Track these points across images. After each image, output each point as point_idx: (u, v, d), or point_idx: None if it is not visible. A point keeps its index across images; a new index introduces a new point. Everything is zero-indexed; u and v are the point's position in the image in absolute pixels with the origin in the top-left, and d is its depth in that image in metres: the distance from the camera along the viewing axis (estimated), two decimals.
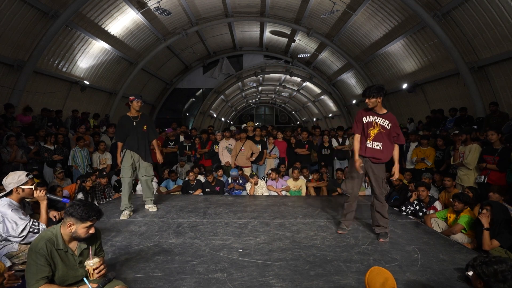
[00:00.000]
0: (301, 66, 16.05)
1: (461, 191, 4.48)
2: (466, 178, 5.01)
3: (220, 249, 3.01)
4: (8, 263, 2.44)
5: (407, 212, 4.62)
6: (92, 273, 1.93)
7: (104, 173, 5.37)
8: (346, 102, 15.53)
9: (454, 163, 5.41)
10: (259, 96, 26.05)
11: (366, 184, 5.59)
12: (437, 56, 8.34)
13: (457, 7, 6.75)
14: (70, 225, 1.92)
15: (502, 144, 4.75)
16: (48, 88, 8.43)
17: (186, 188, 5.88)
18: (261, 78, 18.89)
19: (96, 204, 3.97)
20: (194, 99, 17.58)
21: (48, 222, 2.77)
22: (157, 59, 12.82)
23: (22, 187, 2.58)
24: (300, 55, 14.06)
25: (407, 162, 6.47)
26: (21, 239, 2.46)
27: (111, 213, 4.19)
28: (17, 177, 2.58)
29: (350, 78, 13.77)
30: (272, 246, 3.11)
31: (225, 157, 6.68)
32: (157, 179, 6.48)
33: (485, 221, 3.25)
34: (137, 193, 5.53)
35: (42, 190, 2.69)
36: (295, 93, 22.54)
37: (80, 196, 4.80)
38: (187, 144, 7.25)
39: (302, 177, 6.13)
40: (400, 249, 3.06)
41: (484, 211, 3.33)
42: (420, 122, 9.08)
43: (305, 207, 4.70)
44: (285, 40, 13.99)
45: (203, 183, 5.94)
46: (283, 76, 18.77)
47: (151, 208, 4.40)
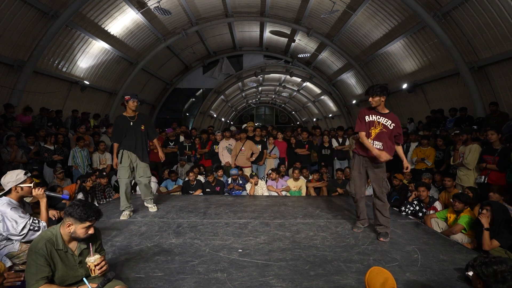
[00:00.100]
0: (301, 66, 16.04)
1: (461, 191, 4.48)
2: (466, 178, 5.01)
3: (220, 249, 3.00)
4: (9, 263, 2.44)
5: (407, 212, 4.62)
6: (94, 270, 1.91)
7: (104, 173, 5.37)
8: (346, 102, 15.53)
9: (454, 163, 5.41)
10: (259, 96, 26.05)
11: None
12: (437, 56, 8.34)
13: (457, 7, 6.75)
14: (69, 225, 1.91)
15: (502, 144, 4.75)
16: (48, 88, 8.44)
17: (186, 188, 5.88)
18: (261, 78, 18.88)
19: (96, 204, 3.97)
20: (194, 99, 17.58)
21: (48, 222, 2.77)
22: (157, 59, 12.83)
23: (21, 186, 2.57)
24: (300, 55, 14.07)
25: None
26: (22, 237, 2.46)
27: (111, 213, 4.18)
28: (16, 176, 2.57)
29: (350, 78, 13.78)
30: (272, 246, 3.11)
31: (225, 157, 6.69)
32: (157, 179, 6.49)
33: (485, 221, 3.25)
34: (138, 193, 5.53)
35: (41, 188, 2.69)
36: (295, 93, 22.53)
37: (80, 196, 4.80)
38: (187, 144, 7.26)
39: (302, 177, 6.13)
40: (400, 249, 3.06)
41: (484, 211, 3.33)
42: (420, 122, 9.08)
43: (305, 207, 4.69)
44: (285, 40, 13.99)
45: (203, 183, 5.95)
46: (283, 76, 18.76)
47: (151, 208, 4.35)
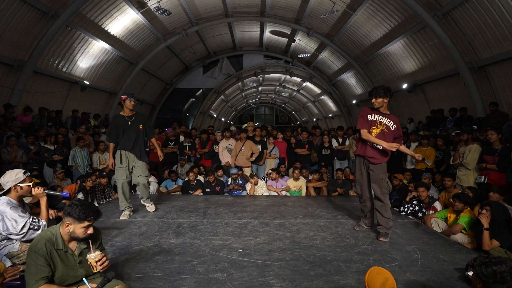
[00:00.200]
0: (301, 66, 16.04)
1: (461, 191, 4.48)
2: (466, 178, 5.01)
3: (220, 249, 3.01)
4: (9, 263, 2.44)
5: (406, 212, 4.62)
6: (95, 266, 1.91)
7: (104, 173, 5.37)
8: (346, 102, 15.53)
9: (454, 163, 5.41)
10: (259, 96, 26.04)
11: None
12: (437, 56, 8.34)
13: (457, 7, 6.75)
14: (68, 225, 1.91)
15: (502, 144, 4.75)
16: (48, 88, 8.43)
17: (186, 188, 5.88)
18: (261, 78, 18.88)
19: (95, 204, 3.96)
20: (194, 99, 17.58)
21: (48, 221, 2.76)
22: (157, 59, 12.82)
23: (20, 185, 2.57)
24: (300, 55, 14.06)
25: (407, 162, 6.47)
26: (22, 236, 2.45)
27: (111, 213, 4.18)
28: (15, 175, 2.57)
29: (350, 78, 13.77)
30: (272, 246, 3.11)
31: (225, 157, 6.69)
32: (157, 179, 6.49)
33: (485, 221, 3.25)
34: (138, 193, 5.52)
35: (41, 187, 2.68)
36: (295, 93, 22.53)
37: (80, 196, 4.80)
38: (187, 144, 7.25)
39: (302, 177, 6.13)
40: (400, 249, 3.06)
41: (484, 211, 3.33)
42: (420, 122, 9.09)
43: (305, 207, 4.69)
44: (285, 40, 13.99)
45: (203, 183, 5.95)
46: (283, 76, 18.76)
47: (150, 208, 4.32)
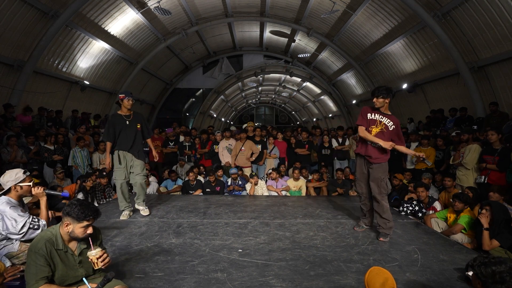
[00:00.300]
0: (301, 66, 16.03)
1: (461, 191, 4.48)
2: (465, 179, 5.00)
3: (220, 249, 3.01)
4: (8, 263, 2.44)
5: (406, 212, 4.62)
6: (96, 263, 1.91)
7: (104, 173, 5.36)
8: (346, 102, 15.52)
9: (453, 163, 5.41)
10: (259, 96, 26.03)
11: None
12: (437, 56, 8.34)
13: (457, 7, 6.75)
14: (67, 225, 1.91)
15: (502, 144, 4.75)
16: (48, 88, 8.43)
17: (186, 188, 5.88)
18: (261, 78, 18.87)
19: (94, 204, 3.95)
20: (194, 99, 17.58)
21: (48, 220, 2.76)
22: (157, 59, 12.81)
23: (20, 185, 2.57)
24: (300, 55, 14.05)
25: (407, 162, 6.47)
26: (22, 236, 2.45)
27: (111, 213, 4.18)
28: (15, 175, 2.57)
29: (350, 78, 13.77)
30: (272, 246, 3.11)
31: (225, 157, 6.69)
32: (157, 179, 6.49)
33: (485, 221, 3.25)
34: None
35: (41, 187, 2.68)
36: (295, 93, 22.52)
37: (80, 196, 4.79)
38: (187, 144, 7.25)
39: (302, 177, 6.13)
40: (400, 249, 3.06)
41: (484, 211, 3.33)
42: (420, 122, 9.09)
43: (305, 207, 4.70)
44: (285, 40, 13.98)
45: (203, 183, 5.95)
46: (283, 76, 18.75)
47: (143, 211, 4.13)
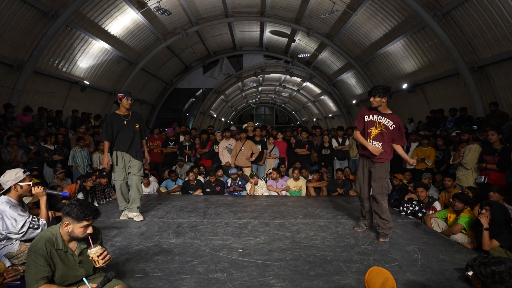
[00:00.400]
0: (301, 66, 16.03)
1: (461, 191, 4.48)
2: (465, 179, 5.00)
3: (220, 249, 3.00)
4: (8, 264, 2.44)
5: (406, 212, 4.62)
6: (97, 260, 1.90)
7: (104, 173, 5.36)
8: (346, 102, 15.52)
9: (453, 163, 5.41)
10: (259, 96, 26.03)
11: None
12: (437, 56, 8.34)
13: (457, 7, 6.75)
14: (67, 225, 1.91)
15: (502, 144, 4.75)
16: (48, 88, 8.43)
17: (186, 188, 5.88)
18: (261, 78, 18.87)
19: (94, 204, 3.95)
20: (194, 99, 17.58)
21: (48, 220, 2.75)
22: (157, 59, 12.81)
23: (20, 184, 2.56)
24: (300, 55, 14.06)
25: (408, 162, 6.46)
26: (22, 235, 2.45)
27: (111, 213, 4.18)
28: (15, 174, 2.56)
29: (350, 78, 13.77)
30: (272, 246, 3.11)
31: (225, 157, 6.69)
32: (157, 179, 6.49)
33: (485, 221, 3.25)
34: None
35: (41, 187, 2.68)
36: (295, 93, 22.52)
37: (80, 196, 4.79)
38: (187, 144, 7.25)
39: (302, 177, 6.13)
40: (400, 249, 3.06)
41: (484, 211, 3.33)
42: (420, 122, 9.09)
43: (305, 207, 4.70)
44: (285, 40, 13.99)
45: (203, 183, 5.95)
46: (283, 76, 18.75)
47: (137, 217, 3.88)
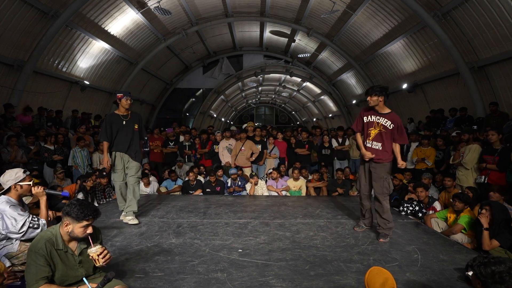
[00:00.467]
0: (301, 66, 16.03)
1: (461, 191, 4.48)
2: (465, 179, 5.01)
3: (220, 249, 3.01)
4: (8, 264, 2.44)
5: (406, 212, 4.62)
6: (98, 259, 1.90)
7: (104, 173, 5.36)
8: (346, 102, 15.52)
9: (453, 163, 5.41)
10: (259, 96, 26.04)
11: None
12: (437, 56, 8.34)
13: (457, 7, 6.75)
14: (67, 225, 1.91)
15: (502, 144, 4.75)
16: (48, 88, 8.43)
17: (186, 188, 5.88)
18: (261, 78, 18.87)
19: (94, 204, 3.95)
20: (194, 99, 17.58)
21: (48, 220, 2.75)
22: (157, 59, 12.81)
23: (20, 184, 2.56)
24: (300, 55, 14.06)
25: (408, 162, 6.45)
26: (21, 235, 2.45)
27: (111, 213, 4.18)
28: (15, 174, 2.56)
29: (350, 78, 13.77)
30: (272, 246, 3.11)
31: (225, 157, 6.69)
32: (157, 179, 6.49)
33: (485, 221, 3.24)
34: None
35: (41, 186, 2.68)
36: (295, 93, 22.52)
37: (80, 196, 4.80)
38: (187, 144, 7.25)
39: (302, 177, 6.13)
40: (400, 249, 3.06)
41: (484, 211, 3.32)
42: (420, 122, 9.09)
43: (305, 207, 4.70)
44: (285, 40, 13.98)
45: (203, 183, 5.95)
46: (283, 76, 18.75)
47: (132, 221, 3.72)
